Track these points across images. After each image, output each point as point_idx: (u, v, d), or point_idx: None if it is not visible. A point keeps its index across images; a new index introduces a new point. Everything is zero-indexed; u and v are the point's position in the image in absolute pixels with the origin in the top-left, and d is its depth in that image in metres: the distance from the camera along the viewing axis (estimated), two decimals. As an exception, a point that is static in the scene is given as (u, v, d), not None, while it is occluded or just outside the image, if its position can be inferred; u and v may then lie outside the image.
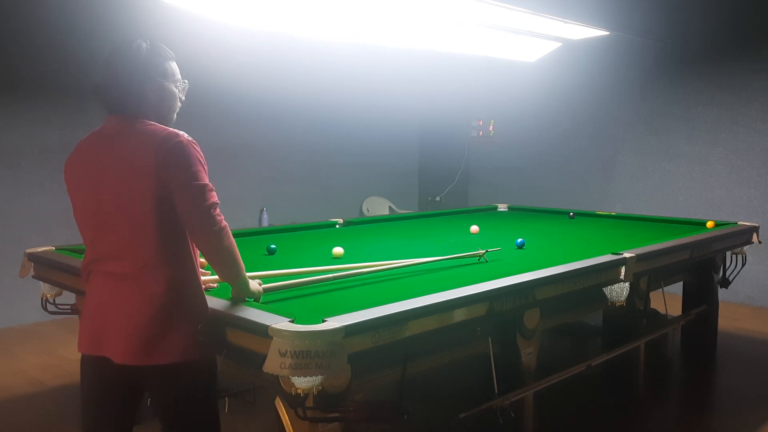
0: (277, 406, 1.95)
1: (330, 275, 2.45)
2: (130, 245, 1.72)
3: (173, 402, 1.81)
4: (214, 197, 1.75)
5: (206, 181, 1.73)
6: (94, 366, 1.83)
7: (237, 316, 1.88)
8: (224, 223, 1.77)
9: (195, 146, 1.74)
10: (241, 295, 1.98)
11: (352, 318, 1.85)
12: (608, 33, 4.31)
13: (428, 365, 2.30)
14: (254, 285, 2.02)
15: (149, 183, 1.67)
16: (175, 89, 1.86)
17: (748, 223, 4.13)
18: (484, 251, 2.97)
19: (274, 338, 1.71)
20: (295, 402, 1.77)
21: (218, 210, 1.75)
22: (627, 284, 2.94)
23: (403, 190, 7.55)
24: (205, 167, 1.75)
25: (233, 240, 1.81)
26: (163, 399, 1.81)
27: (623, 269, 2.91)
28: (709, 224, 4.12)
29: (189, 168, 1.69)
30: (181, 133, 1.73)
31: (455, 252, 2.99)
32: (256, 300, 2.03)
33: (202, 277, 1.93)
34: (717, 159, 5.57)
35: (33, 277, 2.95)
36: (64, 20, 4.93)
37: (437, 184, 7.51)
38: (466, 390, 3.22)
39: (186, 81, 1.91)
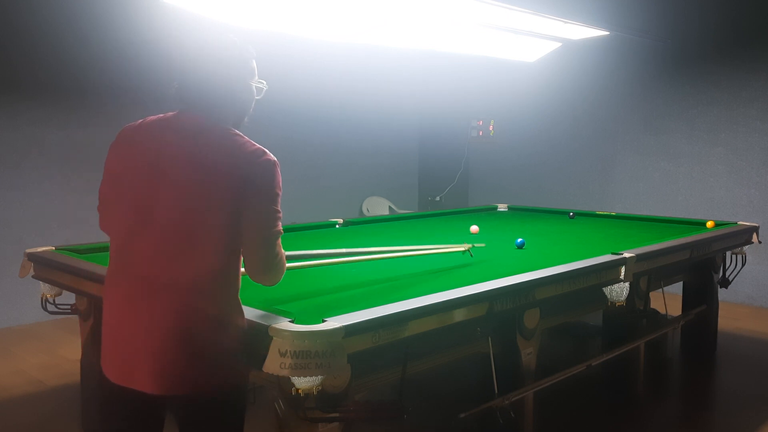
0: (277, 406, 1.95)
1: (318, 261, 2.43)
2: (182, 255, 1.55)
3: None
4: (280, 226, 1.64)
5: (279, 207, 1.63)
6: (120, 396, 1.62)
7: (237, 316, 1.88)
8: (282, 252, 1.67)
9: (278, 168, 1.64)
10: None
11: (352, 318, 1.85)
12: (608, 33, 4.30)
13: (428, 365, 2.30)
14: None
15: (225, 194, 1.55)
16: (254, 90, 1.75)
17: (748, 223, 4.13)
18: (469, 245, 2.95)
19: (274, 338, 1.71)
20: (295, 402, 1.77)
21: (279, 240, 1.65)
22: (627, 284, 2.94)
23: (403, 190, 7.55)
24: (281, 192, 1.65)
25: (284, 267, 1.71)
26: (192, 429, 1.67)
27: (623, 269, 2.91)
28: (709, 224, 4.12)
29: (271, 190, 1.60)
30: (267, 151, 1.64)
31: (455, 252, 2.99)
32: None
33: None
34: (717, 159, 5.57)
35: (33, 277, 2.94)
36: (64, 20, 4.93)
37: (437, 184, 7.51)
38: (466, 390, 3.22)
39: (264, 82, 1.76)
